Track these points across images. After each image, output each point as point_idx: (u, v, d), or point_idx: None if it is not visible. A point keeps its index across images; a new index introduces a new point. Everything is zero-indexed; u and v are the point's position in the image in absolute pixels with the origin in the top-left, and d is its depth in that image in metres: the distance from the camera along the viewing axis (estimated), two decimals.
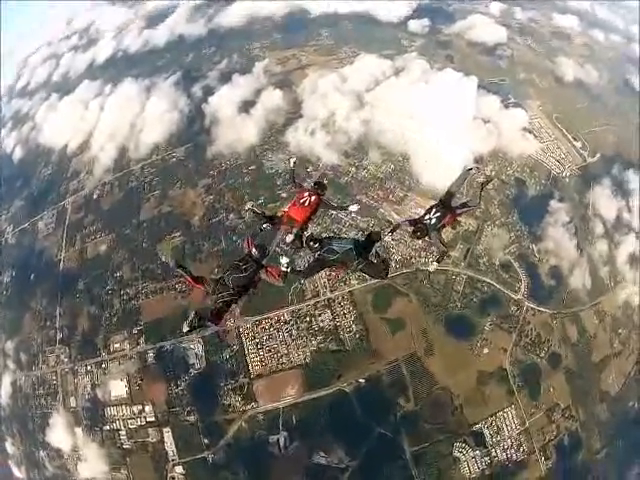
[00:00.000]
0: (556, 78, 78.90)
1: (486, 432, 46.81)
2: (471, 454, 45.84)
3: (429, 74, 68.26)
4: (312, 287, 49.59)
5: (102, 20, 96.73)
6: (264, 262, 12.75)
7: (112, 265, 53.48)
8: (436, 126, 58.95)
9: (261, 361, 47.19)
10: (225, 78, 69.07)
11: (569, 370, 51.93)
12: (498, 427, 47.22)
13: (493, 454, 46.32)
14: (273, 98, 64.51)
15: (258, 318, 48.40)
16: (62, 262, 56.12)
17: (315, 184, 14.44)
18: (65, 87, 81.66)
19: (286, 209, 14.06)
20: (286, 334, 47.95)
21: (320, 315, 48.49)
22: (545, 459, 47.46)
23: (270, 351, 47.39)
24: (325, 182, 14.87)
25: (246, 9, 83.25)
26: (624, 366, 55.50)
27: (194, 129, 64.88)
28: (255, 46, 76.11)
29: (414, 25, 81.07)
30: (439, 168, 54.34)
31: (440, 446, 45.80)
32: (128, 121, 67.18)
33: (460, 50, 78.02)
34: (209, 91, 67.57)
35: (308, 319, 48.43)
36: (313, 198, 13.56)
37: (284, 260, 12.30)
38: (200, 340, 47.67)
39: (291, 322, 48.33)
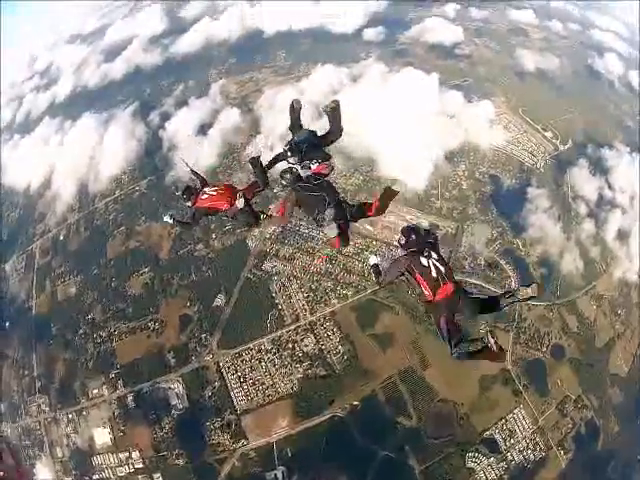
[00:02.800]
0: (517, 73, 76.06)
1: (498, 437, 42.49)
2: (486, 462, 41.47)
3: (388, 76, 65.15)
4: (291, 312, 44.89)
5: (62, 58, 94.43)
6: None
7: (83, 308, 49.30)
8: (400, 127, 54.72)
9: (246, 395, 42.29)
10: (181, 103, 66.11)
11: (574, 360, 47.83)
12: (510, 430, 42.90)
13: (509, 458, 42.01)
14: (231, 118, 61.08)
15: (238, 350, 43.77)
16: (34, 308, 52.11)
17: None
18: (27, 127, 78.48)
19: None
20: (269, 364, 43.07)
21: (303, 340, 43.63)
22: (564, 453, 43.42)
23: (254, 384, 42.52)
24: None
25: (200, 35, 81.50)
26: (630, 346, 51.40)
27: (153, 157, 61.32)
28: (212, 72, 72.98)
29: (369, 34, 78.41)
30: (409, 170, 51.42)
31: (451, 459, 41.10)
32: (87, 155, 63.66)
33: (419, 56, 74.53)
34: (166, 117, 64.33)
35: (291, 345, 43.55)
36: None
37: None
38: (179, 379, 43.30)
39: (273, 351, 43.48)
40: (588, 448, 44.54)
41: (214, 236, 49.52)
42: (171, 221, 13.56)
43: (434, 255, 8.97)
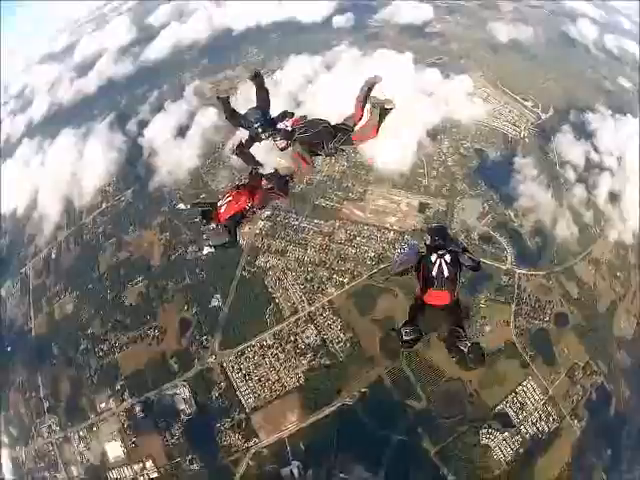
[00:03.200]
0: (491, 46, 74.84)
1: (510, 411, 41.88)
2: (500, 437, 40.71)
3: (362, 60, 63.76)
4: (289, 304, 44.08)
5: (35, 79, 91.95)
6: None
7: (81, 323, 48.49)
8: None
9: (253, 392, 41.47)
10: (157, 108, 64.97)
11: (578, 326, 47.11)
12: (521, 403, 42.29)
13: (523, 431, 41.32)
14: (208, 117, 59.55)
15: (240, 348, 42.94)
16: (34, 329, 51.24)
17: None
18: (7, 151, 75.94)
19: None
20: (273, 359, 42.27)
21: (304, 332, 42.84)
22: (578, 421, 42.76)
23: (260, 380, 41.73)
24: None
25: (170, 40, 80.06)
26: (632, 307, 50.81)
27: (134, 165, 60.46)
28: (185, 75, 71.62)
29: (338, 21, 77.16)
30: (392, 149, 49.96)
31: (465, 438, 40.38)
32: (69, 171, 62.56)
33: (391, 38, 73.39)
34: (143, 124, 63.21)
35: (292, 338, 42.73)
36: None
37: None
38: (184, 383, 42.47)
39: (275, 345, 42.70)
40: (601, 414, 44.01)
41: (204, 236, 47.58)
42: (213, 250, 12.55)
43: (447, 259, 8.37)
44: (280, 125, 10.81)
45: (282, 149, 10.87)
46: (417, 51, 67.26)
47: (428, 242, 8.73)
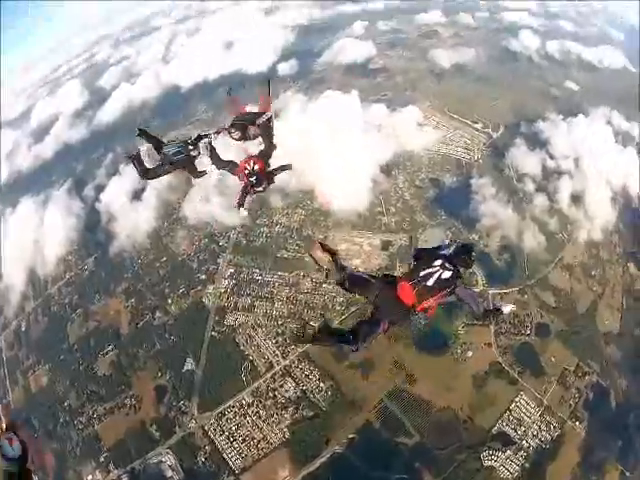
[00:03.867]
0: (435, 74, 75.99)
1: (508, 429, 40.74)
2: (503, 457, 39.71)
3: (308, 104, 64.03)
4: (263, 360, 42.45)
5: None
6: None
7: (58, 396, 46.18)
8: (330, 151, 53.77)
9: (239, 453, 39.50)
10: (112, 172, 63.36)
11: (561, 333, 46.48)
12: (518, 419, 41.27)
13: (526, 445, 40.42)
14: (163, 178, 56.99)
15: (219, 410, 41.06)
16: (11, 403, 48.29)
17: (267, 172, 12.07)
18: None
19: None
20: (254, 417, 40.49)
21: (282, 386, 41.31)
22: (580, 422, 42.17)
23: (245, 440, 39.82)
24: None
25: (121, 102, 79.82)
26: (613, 302, 50.28)
27: (94, 231, 58.85)
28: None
29: (283, 68, 77.80)
30: (347, 190, 49.94)
31: (467, 464, 38.97)
32: (31, 239, 60.55)
33: (336, 80, 73.56)
34: (100, 189, 62.00)
35: (271, 394, 41.12)
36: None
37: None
38: (169, 451, 40.31)
39: (255, 403, 40.98)
40: (602, 411, 42.99)
41: (170, 301, 47.45)
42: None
43: (444, 275, 7.24)
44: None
45: (238, 139, 12.21)
46: (362, 89, 67.58)
47: (450, 251, 7.67)
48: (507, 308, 8.12)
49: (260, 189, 11.78)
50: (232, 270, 48.41)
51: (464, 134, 63.60)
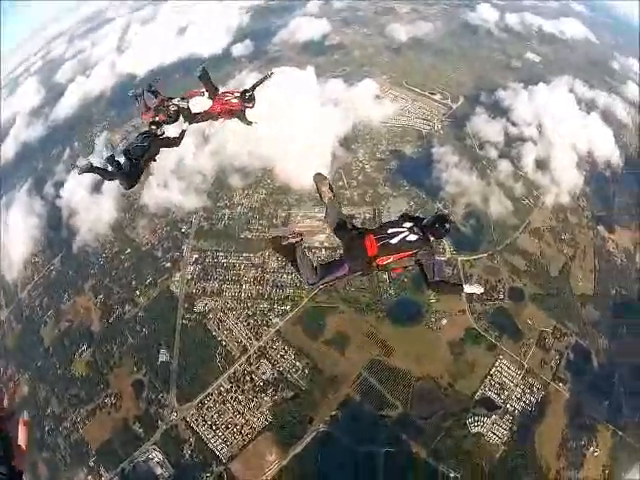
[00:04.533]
0: (393, 49, 75.78)
1: (491, 394, 40.74)
2: (489, 422, 39.71)
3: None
4: (236, 344, 41.76)
5: None
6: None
7: (40, 404, 44.92)
8: (288, 128, 52.73)
9: (224, 441, 38.74)
10: (70, 166, 59.26)
11: (536, 295, 46.79)
12: (499, 383, 41.32)
13: (511, 409, 40.48)
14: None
15: (199, 399, 40.25)
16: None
17: (243, 91, 12.85)
18: None
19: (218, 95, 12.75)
20: (234, 403, 39.77)
21: (258, 368, 40.69)
22: (563, 384, 42.44)
23: (228, 427, 39.09)
24: (252, 93, 12.88)
25: (77, 95, 77.56)
26: (585, 264, 50.76)
27: (58, 229, 57.34)
28: (96, 130, 68.54)
29: (238, 50, 77.02)
30: (308, 168, 47.64)
31: (454, 432, 38.96)
32: None
33: (292, 58, 72.91)
34: (60, 185, 60.35)
35: (248, 378, 40.45)
36: (235, 101, 12.61)
37: None
38: (155, 447, 39.37)
39: (233, 389, 40.27)
40: (584, 371, 43.43)
41: (138, 293, 46.56)
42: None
43: (410, 238, 7.54)
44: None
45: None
46: (319, 66, 67.28)
47: (427, 219, 7.78)
48: (470, 288, 7.93)
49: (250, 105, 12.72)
50: (197, 255, 47.68)
51: (423, 105, 63.68)
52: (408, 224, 7.62)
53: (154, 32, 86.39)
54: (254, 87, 12.91)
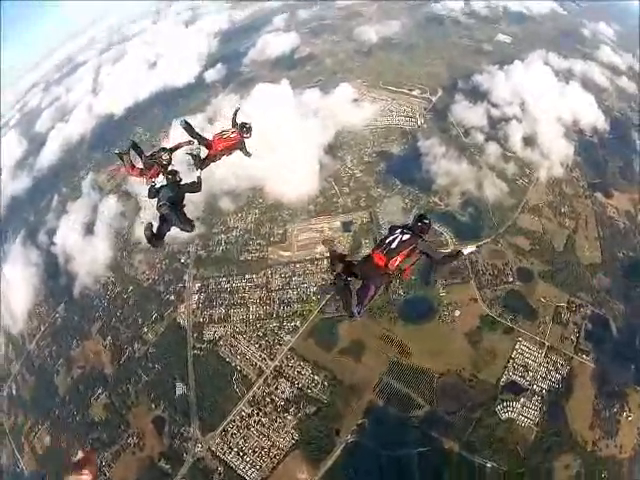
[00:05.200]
0: (364, 52, 75.99)
1: (516, 378, 40.49)
2: (518, 406, 39.41)
3: (242, 101, 61.81)
4: (252, 367, 41.26)
5: None
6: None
7: (63, 452, 43.92)
8: (271, 144, 50.09)
9: (253, 466, 38.16)
10: (61, 212, 62.51)
11: (544, 273, 46.64)
12: (523, 365, 41.17)
13: (538, 389, 40.18)
14: (110, 206, 58.08)
15: (221, 428, 39.60)
16: (24, 470, 46.44)
17: (242, 124, 13.27)
18: None
19: (213, 135, 13.11)
20: (258, 426, 39.17)
21: (277, 388, 40.17)
22: (586, 355, 42.39)
23: (255, 451, 38.50)
24: (250, 125, 13.39)
25: (58, 142, 77.14)
26: (589, 233, 50.93)
27: (56, 277, 56.65)
28: (81, 174, 68.44)
29: (210, 75, 77.12)
30: (297, 178, 49.35)
31: (485, 422, 38.63)
32: None
33: (266, 76, 72.28)
34: (52, 232, 60.34)
35: (269, 399, 39.92)
36: (234, 135, 13.05)
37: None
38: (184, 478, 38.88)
39: (254, 412, 39.70)
40: (605, 339, 43.17)
41: (145, 330, 46.22)
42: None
43: (404, 237, 9.14)
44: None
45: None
46: (293, 79, 67.23)
47: (410, 221, 9.58)
48: (467, 249, 9.94)
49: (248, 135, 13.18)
50: (199, 284, 47.40)
51: (403, 103, 63.87)
52: (398, 230, 9.14)
53: (125, 69, 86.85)
54: (234, 119, 13.37)
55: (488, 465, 36.57)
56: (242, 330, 43.57)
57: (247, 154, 13.52)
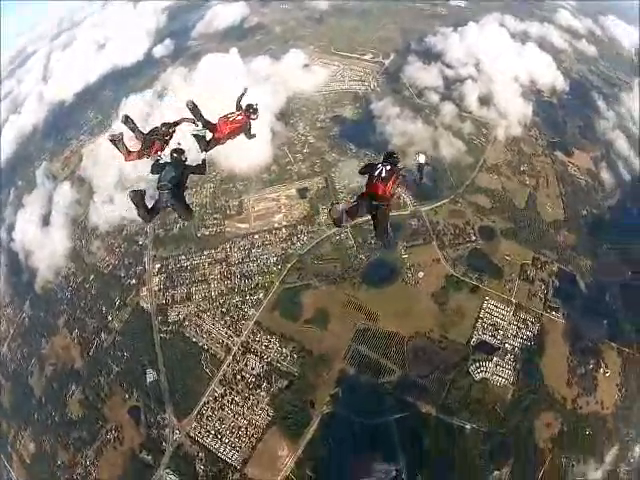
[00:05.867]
0: (315, 19, 75.48)
1: (486, 337, 40.95)
2: (491, 365, 39.91)
3: (190, 74, 62.31)
4: (219, 345, 40.69)
5: None
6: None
7: (49, 457, 43.34)
8: (220, 112, 50.43)
9: (233, 447, 37.98)
10: (17, 206, 60.45)
11: (507, 231, 47.20)
12: (493, 324, 41.61)
13: (509, 348, 40.76)
14: (64, 194, 56.63)
15: (196, 411, 39.17)
16: (16, 478, 45.19)
17: (247, 106, 13.20)
18: None
19: (219, 119, 13.09)
20: (233, 405, 38.90)
21: (247, 364, 39.79)
22: (556, 311, 43.03)
23: (233, 432, 38.25)
24: (256, 106, 13.23)
25: (12, 134, 73.96)
26: (551, 191, 51.77)
27: (19, 275, 54.91)
28: (36, 165, 65.84)
29: (159, 51, 75.67)
30: (249, 150, 47.19)
31: (458, 383, 39.07)
32: None
33: (215, 48, 70.18)
34: (11, 228, 58.55)
35: (240, 377, 39.58)
36: (240, 117, 13.02)
37: None
38: (168, 470, 38.15)
39: (227, 391, 39.35)
40: (575, 294, 43.94)
41: (110, 318, 45.14)
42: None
43: (387, 168, 10.76)
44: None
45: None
46: (243, 49, 65.98)
47: (381, 160, 11.18)
48: (419, 158, 11.50)
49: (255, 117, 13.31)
50: (159, 265, 46.37)
51: (355, 68, 63.69)
52: (378, 165, 10.77)
53: (75, 54, 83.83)
54: (238, 102, 13.51)
55: (467, 427, 37.04)
56: (206, 308, 42.79)
57: (251, 136, 13.62)
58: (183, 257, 46.35)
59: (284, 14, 77.57)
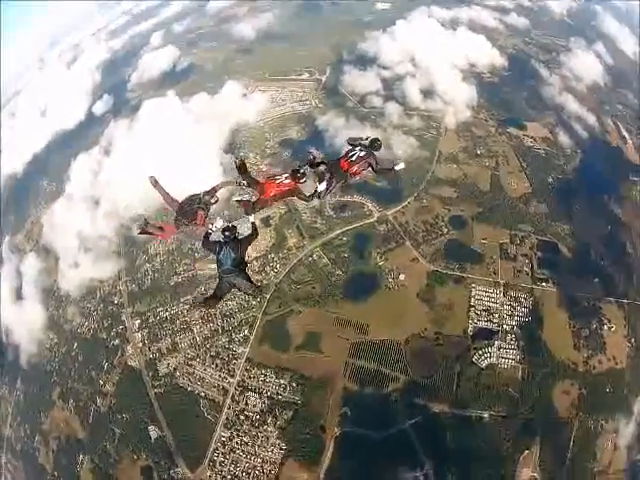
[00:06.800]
0: (244, 50, 76.80)
1: (482, 324, 41.54)
2: (494, 350, 40.35)
3: (131, 125, 62.94)
4: (215, 390, 40.51)
5: None
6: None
7: None
8: (168, 155, 49.58)
9: None
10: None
11: (478, 216, 48.34)
12: (486, 310, 42.33)
13: (508, 328, 41.41)
14: (32, 265, 55.95)
15: (207, 459, 38.63)
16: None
17: (293, 171, 12.47)
18: None
19: (265, 179, 12.75)
20: (242, 447, 38.53)
21: (247, 403, 39.57)
22: (546, 282, 43.84)
23: (248, 473, 37.77)
24: (304, 171, 12.55)
25: None
26: (512, 167, 53.13)
27: (2, 354, 53.17)
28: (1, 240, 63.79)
29: (99, 108, 76.09)
30: (201, 185, 47.26)
31: (466, 374, 39.51)
32: None
33: (152, 95, 70.50)
34: None
35: (243, 417, 39.32)
36: (287, 181, 12.45)
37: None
38: None
39: (233, 433, 39.08)
40: (559, 262, 44.98)
41: (102, 382, 44.42)
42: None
43: (361, 153, 12.28)
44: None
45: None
46: (179, 90, 67.23)
47: (367, 143, 12.42)
48: (399, 166, 12.65)
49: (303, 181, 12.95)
50: (139, 320, 46.07)
51: (294, 89, 65.03)
52: (357, 147, 12.24)
53: (19, 124, 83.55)
54: (299, 167, 12.73)
55: (485, 415, 37.41)
56: (194, 355, 42.61)
57: (307, 199, 12.77)
58: (161, 308, 46.20)
59: (214, 51, 78.53)
